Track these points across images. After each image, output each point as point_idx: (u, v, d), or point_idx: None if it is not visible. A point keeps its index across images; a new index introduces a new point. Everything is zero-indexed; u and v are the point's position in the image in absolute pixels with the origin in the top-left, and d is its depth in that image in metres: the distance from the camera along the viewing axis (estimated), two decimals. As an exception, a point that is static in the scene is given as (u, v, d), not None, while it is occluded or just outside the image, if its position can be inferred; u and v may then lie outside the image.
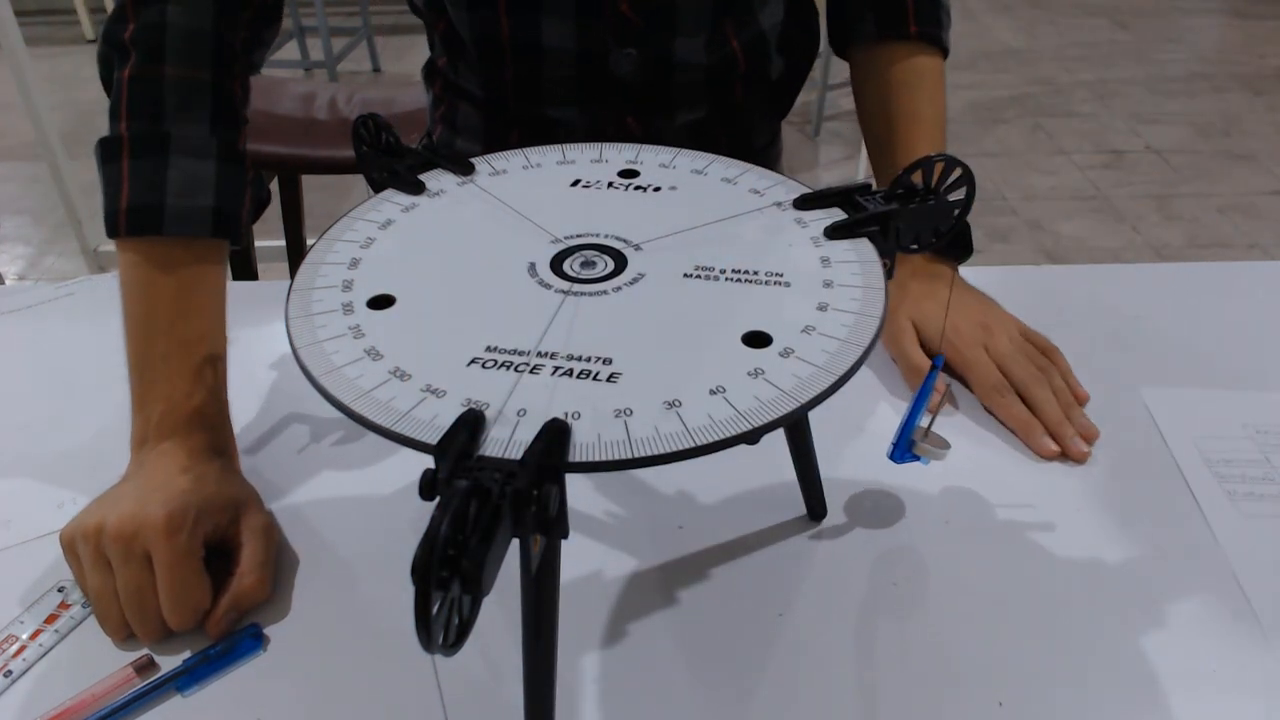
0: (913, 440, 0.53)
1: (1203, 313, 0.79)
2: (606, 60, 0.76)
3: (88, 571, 0.52)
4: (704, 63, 0.78)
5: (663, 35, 0.76)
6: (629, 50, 0.76)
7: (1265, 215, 2.69)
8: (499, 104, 0.81)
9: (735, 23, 0.78)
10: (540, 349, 0.41)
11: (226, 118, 0.63)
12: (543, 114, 0.80)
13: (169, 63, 0.61)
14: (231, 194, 0.62)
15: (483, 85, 0.80)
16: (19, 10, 1.98)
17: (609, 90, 0.78)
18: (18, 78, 1.98)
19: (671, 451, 0.36)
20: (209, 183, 0.61)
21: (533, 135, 0.80)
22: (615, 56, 0.76)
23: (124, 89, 0.61)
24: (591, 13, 0.74)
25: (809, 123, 3.26)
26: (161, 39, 0.61)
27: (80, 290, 0.84)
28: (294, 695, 0.50)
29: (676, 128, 0.81)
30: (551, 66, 0.76)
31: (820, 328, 0.42)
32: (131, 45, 0.62)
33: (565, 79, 0.77)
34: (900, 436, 0.53)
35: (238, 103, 0.65)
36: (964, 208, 0.49)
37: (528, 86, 0.78)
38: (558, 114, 0.79)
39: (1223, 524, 0.59)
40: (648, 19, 0.74)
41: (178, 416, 0.57)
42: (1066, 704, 0.49)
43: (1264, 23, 4.18)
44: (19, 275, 2.49)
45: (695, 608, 0.55)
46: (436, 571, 0.30)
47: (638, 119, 0.80)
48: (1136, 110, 3.33)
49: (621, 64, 0.76)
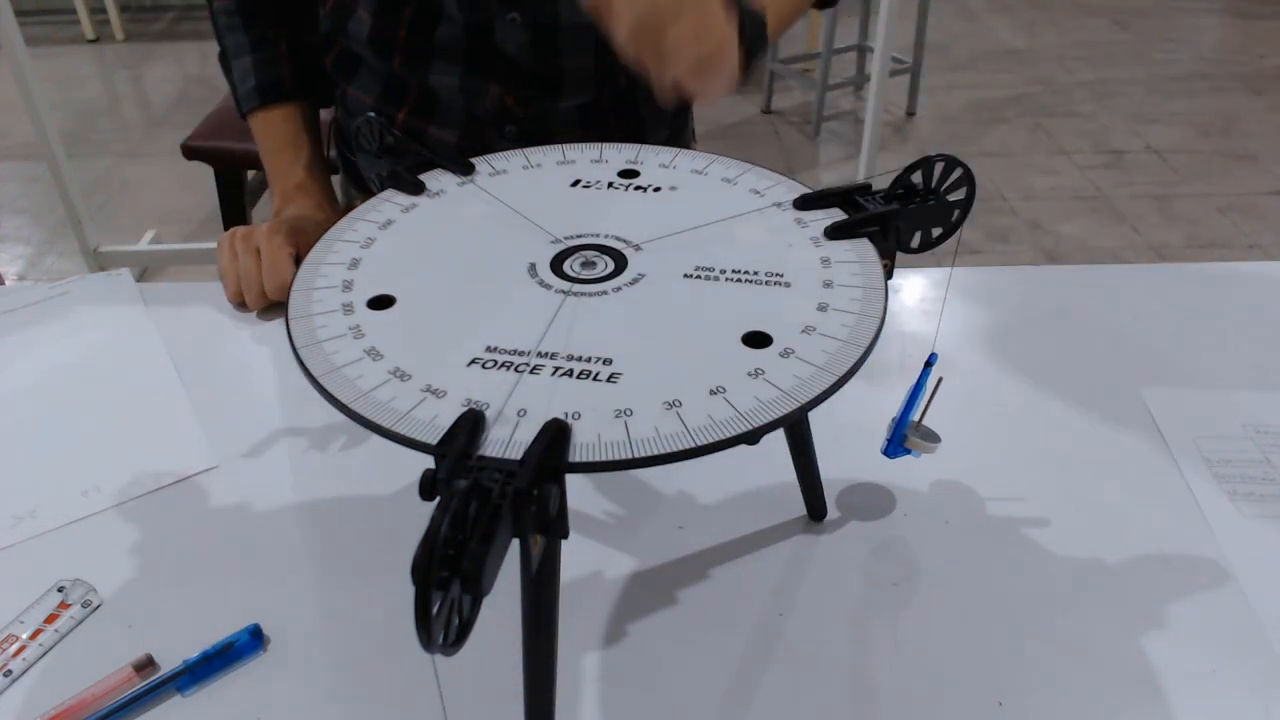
0: (904, 435, 0.53)
1: (1203, 313, 0.79)
2: (493, 32, 0.78)
3: (224, 257, 0.80)
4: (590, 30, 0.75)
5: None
6: (513, 15, 0.77)
7: (1265, 215, 2.68)
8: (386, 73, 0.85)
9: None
10: (540, 349, 0.41)
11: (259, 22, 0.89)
12: (427, 82, 0.83)
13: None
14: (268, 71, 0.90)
15: (373, 42, 0.82)
16: (19, 10, 1.98)
17: (496, 64, 0.80)
18: (18, 78, 1.98)
19: (671, 451, 0.36)
20: (249, 71, 0.89)
21: (419, 113, 0.86)
22: (501, 25, 0.78)
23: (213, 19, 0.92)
24: None
25: (809, 123, 3.26)
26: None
27: (76, 289, 0.84)
28: (294, 695, 0.50)
29: (563, 111, 0.83)
30: (445, 25, 0.79)
31: (820, 328, 0.42)
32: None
33: (454, 45, 0.80)
34: (894, 433, 0.53)
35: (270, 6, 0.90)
36: (964, 208, 0.50)
37: (419, 44, 0.81)
38: (439, 82, 0.82)
39: (1223, 524, 0.59)
40: None
41: (284, 196, 0.91)
42: (1066, 704, 0.49)
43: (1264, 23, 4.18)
44: (19, 275, 2.49)
45: (695, 608, 0.55)
46: (436, 571, 0.30)
47: (518, 100, 0.82)
48: (1136, 110, 3.33)
49: (508, 36, 0.78)
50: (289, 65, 0.90)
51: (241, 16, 0.89)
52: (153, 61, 3.82)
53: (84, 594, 0.55)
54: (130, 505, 0.62)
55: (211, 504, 0.62)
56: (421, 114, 0.85)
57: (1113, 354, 0.74)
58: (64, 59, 3.85)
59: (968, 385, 0.71)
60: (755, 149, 3.10)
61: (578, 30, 0.79)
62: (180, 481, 0.64)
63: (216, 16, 0.91)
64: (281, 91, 0.90)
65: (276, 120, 0.91)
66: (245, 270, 0.78)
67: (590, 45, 0.81)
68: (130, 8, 4.36)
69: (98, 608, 0.55)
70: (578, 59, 0.81)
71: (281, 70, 0.90)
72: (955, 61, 3.75)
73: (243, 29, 0.89)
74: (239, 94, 0.91)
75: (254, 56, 0.89)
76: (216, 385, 0.72)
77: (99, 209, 2.72)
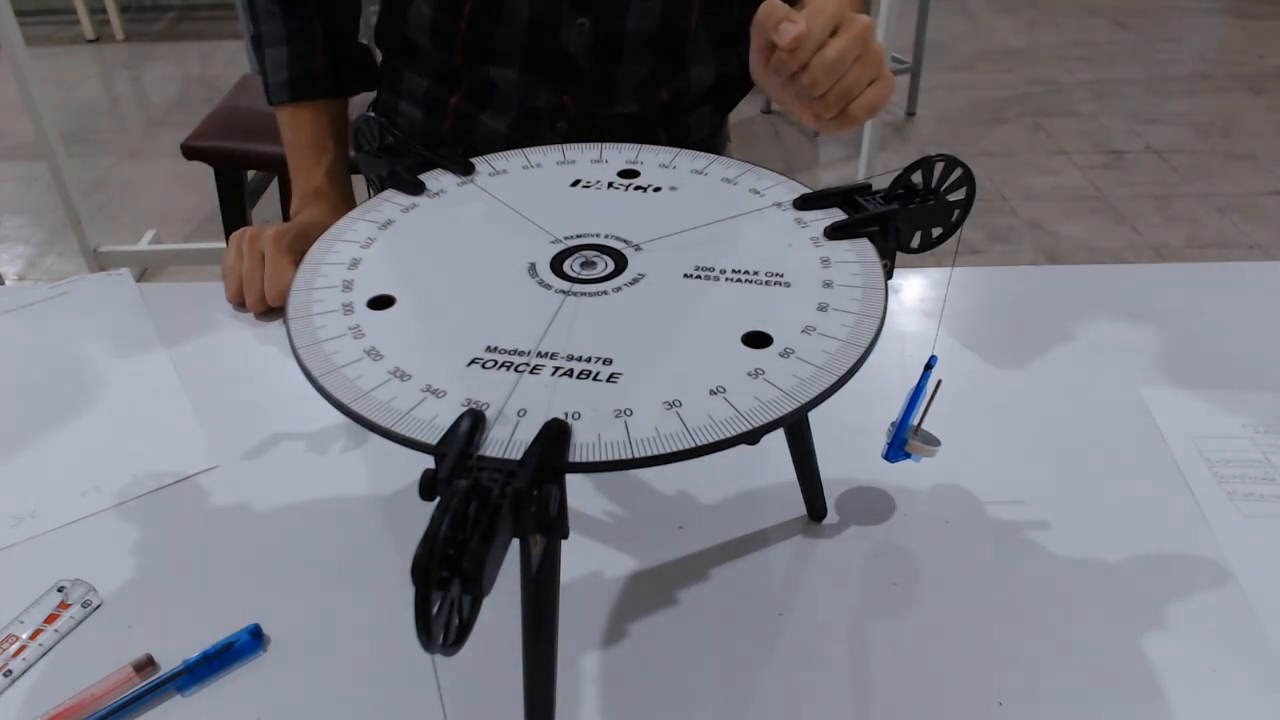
0: (905, 439, 0.53)
1: (1203, 313, 0.79)
2: (559, 31, 0.78)
3: (230, 256, 0.81)
4: (657, 33, 0.80)
5: (615, 3, 0.77)
6: (582, 20, 0.78)
7: (1265, 215, 2.68)
8: (443, 63, 0.85)
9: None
10: (540, 349, 0.41)
11: (299, 10, 0.87)
12: (484, 74, 0.83)
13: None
14: (303, 65, 0.88)
15: (434, 33, 0.82)
16: (19, 10, 1.98)
17: (555, 64, 0.80)
18: (18, 78, 1.98)
19: (671, 451, 0.36)
20: (283, 64, 0.88)
21: (473, 99, 0.85)
22: (568, 28, 0.78)
23: (249, 2, 0.90)
24: None
25: (809, 123, 3.25)
26: None
27: (75, 289, 0.84)
28: (294, 695, 0.50)
29: (615, 116, 0.84)
30: (507, 21, 0.79)
31: (820, 328, 0.42)
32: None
33: (516, 41, 0.80)
34: (894, 437, 0.53)
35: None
36: (964, 208, 0.50)
37: (479, 39, 0.81)
38: (498, 74, 0.82)
39: (1223, 524, 0.59)
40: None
41: (302, 198, 0.91)
42: (1066, 704, 0.49)
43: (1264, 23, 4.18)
44: (19, 275, 2.49)
45: (695, 608, 0.55)
46: (436, 571, 0.30)
47: (575, 99, 0.82)
48: (1136, 110, 3.33)
49: (573, 38, 0.79)
50: (324, 60, 0.88)
51: (280, 4, 0.87)
52: (153, 61, 3.82)
53: (84, 594, 0.55)
54: (130, 505, 0.62)
55: (211, 504, 0.62)
56: (476, 101, 0.85)
57: (1113, 354, 0.74)
58: (64, 59, 3.85)
59: (967, 385, 0.71)
60: (755, 149, 3.10)
61: (641, 39, 0.80)
62: (180, 481, 0.64)
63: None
64: (314, 89, 0.89)
65: (305, 120, 0.90)
66: (248, 272, 0.79)
67: (650, 56, 0.81)
68: (130, 8, 4.36)
69: (98, 608, 0.55)
70: (635, 66, 0.82)
71: (316, 66, 0.88)
72: (955, 61, 3.75)
73: (281, 16, 0.87)
74: (269, 82, 0.89)
75: (290, 49, 0.87)
76: (216, 385, 0.72)
77: (99, 209, 2.72)
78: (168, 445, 0.66)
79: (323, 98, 0.89)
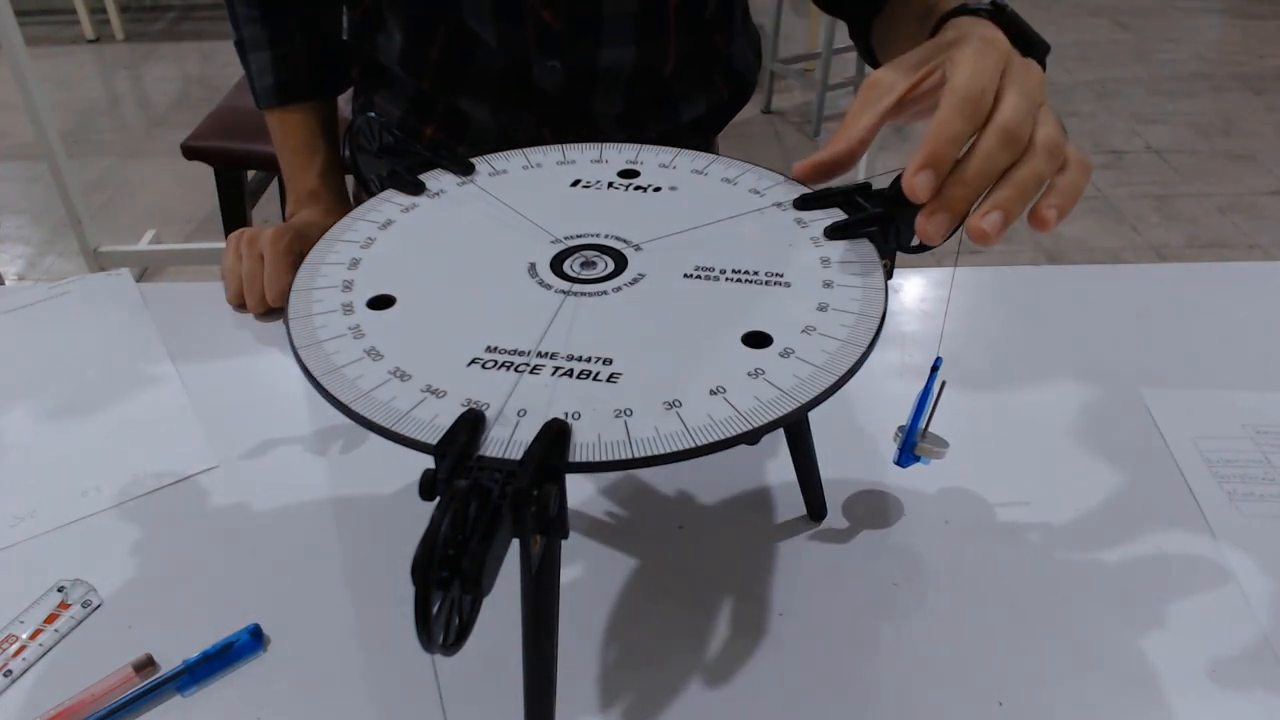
0: (915, 442, 0.53)
1: (1203, 313, 0.79)
2: (530, 70, 0.78)
3: (229, 257, 0.80)
4: (631, 74, 0.80)
5: (587, 43, 0.77)
6: (553, 63, 0.78)
7: (1265, 215, 2.68)
8: (416, 90, 0.85)
9: (676, 25, 0.79)
10: (540, 349, 0.41)
11: (279, 13, 0.86)
12: (456, 106, 0.82)
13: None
14: (288, 68, 0.87)
15: (404, 62, 0.82)
16: (19, 10, 1.98)
17: (529, 99, 0.80)
18: (18, 78, 1.98)
19: (671, 451, 0.36)
20: (267, 68, 0.87)
21: (447, 131, 0.86)
22: (539, 69, 0.78)
23: (230, 7, 0.89)
24: (510, 18, 0.75)
25: (809, 122, 3.25)
26: None
27: (76, 289, 0.84)
28: (294, 695, 0.50)
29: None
30: (481, 57, 0.79)
31: (820, 328, 0.42)
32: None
33: (490, 72, 0.80)
34: (905, 442, 0.53)
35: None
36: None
37: (451, 70, 0.81)
38: (470, 106, 0.82)
39: (1222, 524, 0.59)
40: (572, 27, 0.76)
41: (298, 200, 0.91)
42: (1066, 704, 0.49)
43: (1264, 23, 4.18)
44: (19, 275, 2.49)
45: (695, 608, 0.55)
46: (436, 571, 0.30)
47: (554, 132, 0.82)
48: (1136, 110, 3.33)
49: (545, 76, 0.79)
50: (308, 61, 0.88)
51: (260, 8, 0.86)
52: (153, 61, 3.82)
53: (84, 594, 0.55)
54: (130, 505, 0.62)
55: (211, 504, 0.62)
56: (451, 133, 0.85)
57: (1113, 354, 0.74)
58: (64, 59, 3.85)
59: (967, 385, 0.71)
60: (755, 149, 3.10)
61: (616, 81, 0.80)
62: (180, 481, 0.64)
63: (234, 3, 0.88)
64: (300, 91, 0.89)
65: (294, 122, 0.89)
66: (248, 274, 0.79)
67: (628, 94, 0.82)
68: (130, 8, 4.36)
69: (98, 608, 0.55)
70: (612, 106, 0.82)
71: (301, 68, 0.88)
72: (955, 61, 3.74)
73: (260, 20, 0.86)
74: (255, 87, 0.89)
75: (273, 52, 0.87)
76: (216, 385, 0.72)
77: (99, 209, 2.72)
78: (168, 445, 0.66)
79: (310, 99, 0.89)
